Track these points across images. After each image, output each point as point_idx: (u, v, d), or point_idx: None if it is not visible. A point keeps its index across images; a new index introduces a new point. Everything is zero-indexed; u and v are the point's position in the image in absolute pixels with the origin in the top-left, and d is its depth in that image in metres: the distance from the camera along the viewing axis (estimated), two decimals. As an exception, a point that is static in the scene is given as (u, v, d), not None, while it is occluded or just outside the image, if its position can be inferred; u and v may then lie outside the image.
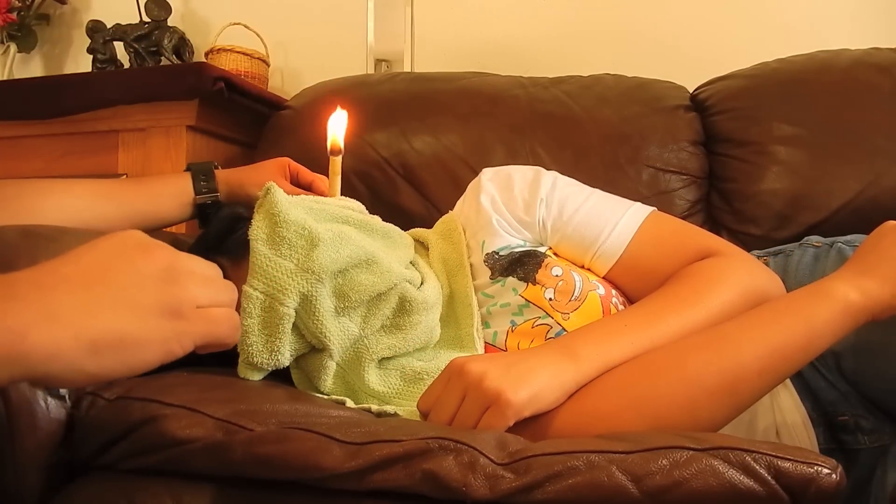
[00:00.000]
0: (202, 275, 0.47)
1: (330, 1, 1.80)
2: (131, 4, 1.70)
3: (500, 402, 0.60)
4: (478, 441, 0.55)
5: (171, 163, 1.35)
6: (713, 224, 1.24)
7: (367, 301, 0.74)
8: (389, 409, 0.71)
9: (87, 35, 1.76)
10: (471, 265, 0.85)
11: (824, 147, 1.18)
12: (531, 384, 0.62)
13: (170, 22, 1.74)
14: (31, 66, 1.99)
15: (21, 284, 0.39)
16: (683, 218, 1.18)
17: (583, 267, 0.83)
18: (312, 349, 0.75)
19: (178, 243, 0.88)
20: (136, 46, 1.70)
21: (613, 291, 0.81)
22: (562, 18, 1.69)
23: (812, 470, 0.50)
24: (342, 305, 0.73)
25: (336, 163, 0.84)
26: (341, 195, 0.86)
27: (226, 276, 0.75)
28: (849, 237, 0.91)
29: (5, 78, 1.85)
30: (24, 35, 1.87)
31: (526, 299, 0.79)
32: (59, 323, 0.39)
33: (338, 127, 0.84)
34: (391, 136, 1.28)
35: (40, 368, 0.38)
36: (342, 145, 0.84)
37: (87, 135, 1.42)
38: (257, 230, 0.70)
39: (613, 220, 0.82)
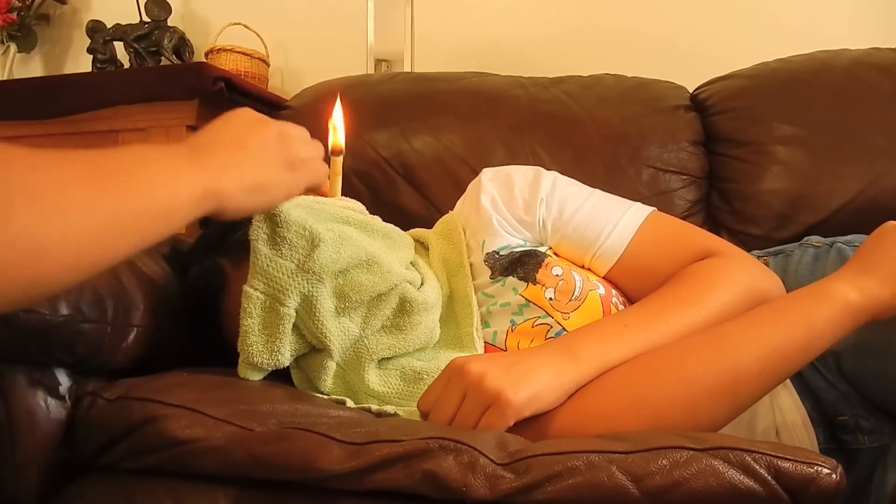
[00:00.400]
0: (302, 138, 0.66)
1: (330, 1, 1.80)
2: (131, 4, 1.70)
3: (501, 402, 0.60)
4: (478, 441, 0.55)
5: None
6: (713, 224, 1.24)
7: (368, 301, 0.74)
8: (389, 409, 0.71)
9: (87, 35, 1.76)
10: (471, 265, 0.85)
11: (824, 147, 1.18)
12: (531, 384, 0.62)
13: (170, 22, 1.74)
14: (31, 66, 1.99)
15: (202, 147, 0.56)
16: (683, 218, 1.18)
17: (583, 267, 0.83)
18: (312, 349, 0.75)
19: (178, 243, 0.88)
20: (136, 46, 1.70)
21: (613, 291, 0.81)
22: (562, 18, 1.69)
23: (812, 470, 0.50)
24: (342, 306, 0.73)
25: (337, 163, 0.84)
26: (342, 195, 0.85)
27: (226, 277, 0.76)
28: (849, 237, 0.91)
29: (5, 78, 1.85)
30: (24, 35, 1.87)
31: (526, 299, 0.79)
32: (231, 173, 0.56)
33: (339, 126, 0.84)
34: (391, 136, 1.28)
35: (223, 204, 0.55)
36: (343, 145, 0.84)
37: (87, 135, 1.42)
38: (258, 230, 0.70)
39: (613, 221, 0.81)
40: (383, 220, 0.85)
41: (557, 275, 0.79)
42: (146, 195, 0.48)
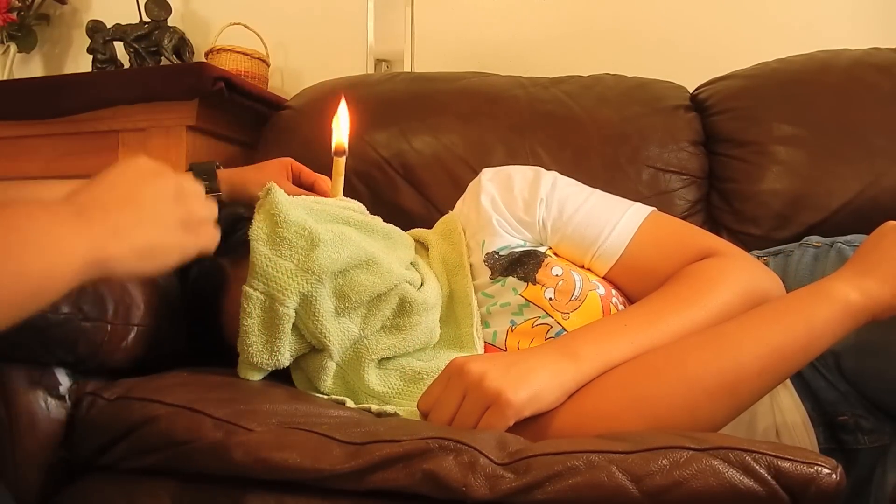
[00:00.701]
0: (198, 194, 0.59)
1: (330, 1, 1.80)
2: (131, 4, 1.70)
3: (501, 402, 0.60)
4: (478, 441, 0.55)
5: (172, 163, 1.33)
6: (713, 224, 1.24)
7: (367, 302, 0.74)
8: (389, 409, 0.71)
9: (87, 35, 1.76)
10: (471, 265, 0.85)
11: (824, 147, 1.18)
12: (531, 384, 0.62)
13: (170, 22, 1.74)
14: (31, 66, 1.98)
15: (89, 205, 0.51)
16: (683, 218, 1.18)
17: (583, 267, 0.83)
18: (312, 349, 0.75)
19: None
20: (136, 46, 1.70)
21: (613, 291, 0.81)
22: (562, 18, 1.69)
23: (812, 470, 0.50)
24: (342, 306, 0.73)
25: (340, 163, 0.84)
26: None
27: (226, 277, 0.76)
28: (849, 237, 0.91)
29: (5, 78, 1.84)
30: (24, 35, 1.87)
31: (526, 299, 0.79)
32: (121, 236, 0.50)
33: (343, 127, 0.84)
34: (391, 136, 1.28)
35: (110, 270, 0.50)
36: (346, 146, 0.84)
37: (87, 135, 1.42)
38: (257, 230, 0.70)
39: (613, 221, 0.82)
40: (383, 220, 0.85)
41: (557, 275, 0.79)
42: (19, 267, 0.43)
